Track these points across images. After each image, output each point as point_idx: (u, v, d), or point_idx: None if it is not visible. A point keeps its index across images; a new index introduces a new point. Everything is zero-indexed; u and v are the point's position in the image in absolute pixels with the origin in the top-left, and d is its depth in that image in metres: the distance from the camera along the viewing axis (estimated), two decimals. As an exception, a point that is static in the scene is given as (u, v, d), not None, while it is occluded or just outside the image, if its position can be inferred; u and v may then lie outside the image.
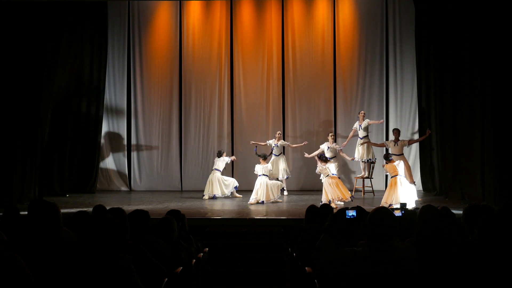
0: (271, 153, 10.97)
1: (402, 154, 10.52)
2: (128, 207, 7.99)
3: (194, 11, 12.22)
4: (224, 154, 10.93)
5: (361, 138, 10.93)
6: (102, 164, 12.08)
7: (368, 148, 10.84)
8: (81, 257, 3.00)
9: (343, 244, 3.49)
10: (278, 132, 11.34)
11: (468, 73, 9.50)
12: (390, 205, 8.58)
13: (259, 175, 10.00)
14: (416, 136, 11.56)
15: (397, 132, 10.71)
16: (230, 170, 11.95)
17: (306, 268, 4.05)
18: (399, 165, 9.02)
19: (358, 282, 3.08)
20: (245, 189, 11.01)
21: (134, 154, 12.23)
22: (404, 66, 11.88)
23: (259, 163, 10.19)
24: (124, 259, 3.04)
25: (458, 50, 9.79)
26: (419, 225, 3.62)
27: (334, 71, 12.08)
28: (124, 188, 12.17)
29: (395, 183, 8.81)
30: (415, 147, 11.72)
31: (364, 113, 11.04)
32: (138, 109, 12.23)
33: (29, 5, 9.66)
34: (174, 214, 5.29)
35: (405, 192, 8.69)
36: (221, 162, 10.79)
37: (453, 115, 10.07)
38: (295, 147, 11.46)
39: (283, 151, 11.36)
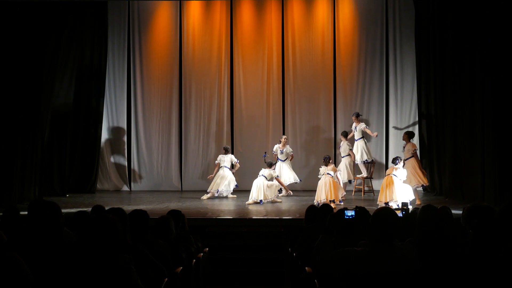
0: (277, 160, 10.89)
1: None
2: (128, 207, 7.98)
3: (194, 11, 12.21)
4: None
5: (356, 140, 10.92)
6: (102, 164, 12.06)
7: (365, 149, 10.81)
8: (81, 257, 2.99)
9: (342, 244, 3.50)
10: (284, 137, 11.13)
11: (468, 73, 9.50)
12: (386, 203, 8.57)
13: (259, 176, 10.00)
14: (416, 136, 11.59)
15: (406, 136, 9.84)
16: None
17: (306, 268, 4.05)
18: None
19: (358, 282, 3.08)
20: (245, 189, 11.01)
21: (134, 154, 12.22)
22: (404, 66, 11.88)
23: (260, 164, 10.18)
24: (124, 259, 3.04)
25: (458, 50, 9.78)
26: (419, 225, 3.62)
27: (334, 71, 12.08)
28: (124, 188, 12.17)
29: (391, 181, 8.76)
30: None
31: (357, 114, 10.92)
32: (138, 109, 12.23)
33: (29, 5, 9.67)
34: (174, 214, 5.29)
35: (400, 191, 8.61)
36: (228, 159, 10.68)
37: (453, 114, 10.07)
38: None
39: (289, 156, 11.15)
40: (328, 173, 9.40)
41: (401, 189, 8.63)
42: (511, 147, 8.54)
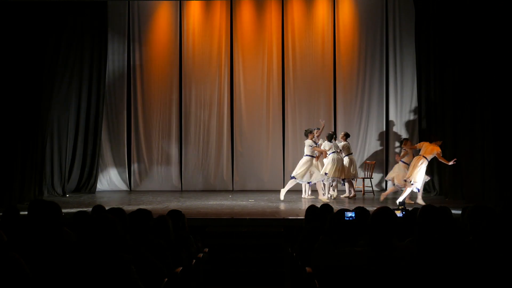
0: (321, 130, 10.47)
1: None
2: (128, 207, 7.98)
3: (194, 11, 12.22)
4: (312, 136, 10.03)
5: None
6: (102, 164, 12.07)
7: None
8: (81, 257, 3.00)
9: (342, 245, 3.50)
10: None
11: (468, 72, 9.50)
12: (410, 181, 9.01)
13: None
14: (416, 136, 11.58)
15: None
16: (230, 169, 11.95)
17: (306, 268, 4.05)
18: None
19: (358, 282, 3.08)
20: (246, 189, 11.03)
21: (134, 154, 12.22)
22: (404, 66, 11.89)
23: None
24: (124, 259, 3.04)
25: (458, 50, 9.79)
26: (419, 225, 3.62)
27: (334, 71, 12.09)
28: (124, 188, 12.17)
29: (421, 163, 9.11)
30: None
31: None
32: (138, 109, 12.22)
33: (29, 5, 9.66)
34: (175, 214, 5.28)
35: (422, 175, 9.11)
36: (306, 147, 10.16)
37: (453, 114, 10.08)
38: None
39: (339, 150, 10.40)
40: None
41: (422, 173, 9.13)
42: (511, 147, 8.54)
